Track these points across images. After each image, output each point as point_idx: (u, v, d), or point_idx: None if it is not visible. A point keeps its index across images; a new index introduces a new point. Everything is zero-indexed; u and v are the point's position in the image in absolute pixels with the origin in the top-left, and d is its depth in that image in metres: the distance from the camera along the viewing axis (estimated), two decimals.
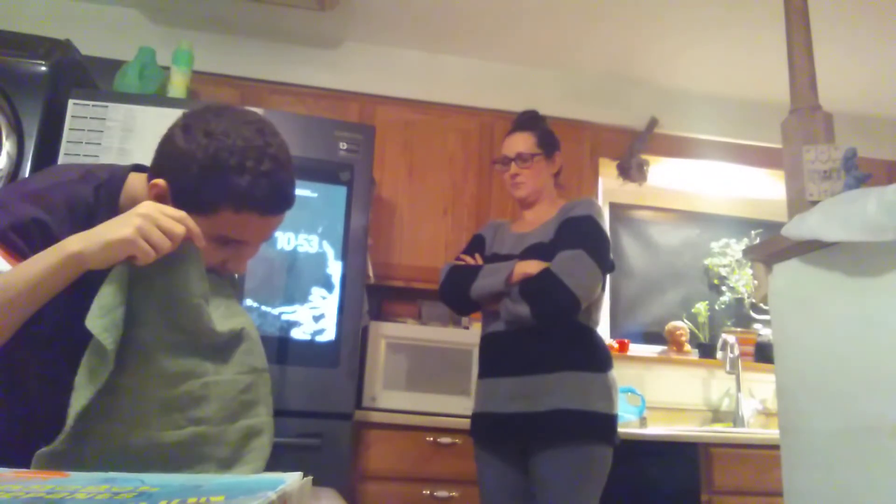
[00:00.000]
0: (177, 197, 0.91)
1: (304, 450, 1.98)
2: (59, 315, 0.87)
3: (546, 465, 1.65)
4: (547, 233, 1.80)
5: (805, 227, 1.31)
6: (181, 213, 0.85)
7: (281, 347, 2.08)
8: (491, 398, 1.76)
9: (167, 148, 0.93)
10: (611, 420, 1.71)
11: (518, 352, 1.73)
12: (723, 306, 3.53)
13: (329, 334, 2.12)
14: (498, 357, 1.78)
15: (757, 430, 3.05)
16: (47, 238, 0.87)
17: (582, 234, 1.72)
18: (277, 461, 0.94)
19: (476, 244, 1.96)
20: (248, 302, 2.10)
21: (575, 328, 1.73)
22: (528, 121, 1.96)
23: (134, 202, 0.92)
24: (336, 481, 1.95)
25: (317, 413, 2.04)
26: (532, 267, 1.70)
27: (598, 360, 1.75)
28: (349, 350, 2.12)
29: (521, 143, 1.89)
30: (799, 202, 1.49)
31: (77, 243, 0.81)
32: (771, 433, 2.66)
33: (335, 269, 2.17)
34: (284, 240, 2.17)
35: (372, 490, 2.27)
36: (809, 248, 1.39)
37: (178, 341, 0.85)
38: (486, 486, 1.79)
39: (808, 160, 1.49)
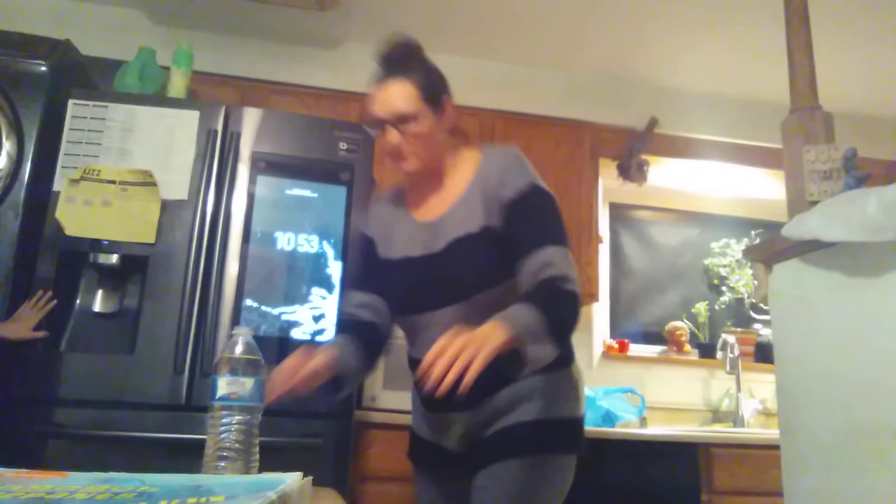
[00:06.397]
0: None
1: (304, 450, 1.98)
2: None
3: (492, 481, 1.27)
4: (470, 216, 1.31)
5: (805, 227, 1.31)
6: None
7: (281, 347, 2.08)
8: (440, 433, 1.38)
9: None
10: (577, 424, 1.35)
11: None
12: (723, 306, 3.53)
13: (329, 334, 2.12)
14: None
15: (757, 430, 3.05)
16: None
17: (545, 221, 1.28)
18: (277, 461, 0.94)
19: (368, 251, 1.46)
20: (248, 302, 2.10)
21: None
22: (401, 59, 1.34)
23: None
24: (336, 481, 1.95)
25: (317, 413, 2.03)
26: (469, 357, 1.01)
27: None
28: None
29: (398, 97, 1.30)
30: (799, 202, 1.49)
31: None
32: (771, 433, 2.66)
33: (335, 269, 2.17)
34: (284, 240, 2.17)
35: (372, 490, 2.26)
36: (809, 248, 1.39)
37: None
38: None
39: (808, 160, 1.49)
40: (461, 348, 1.01)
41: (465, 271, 1.29)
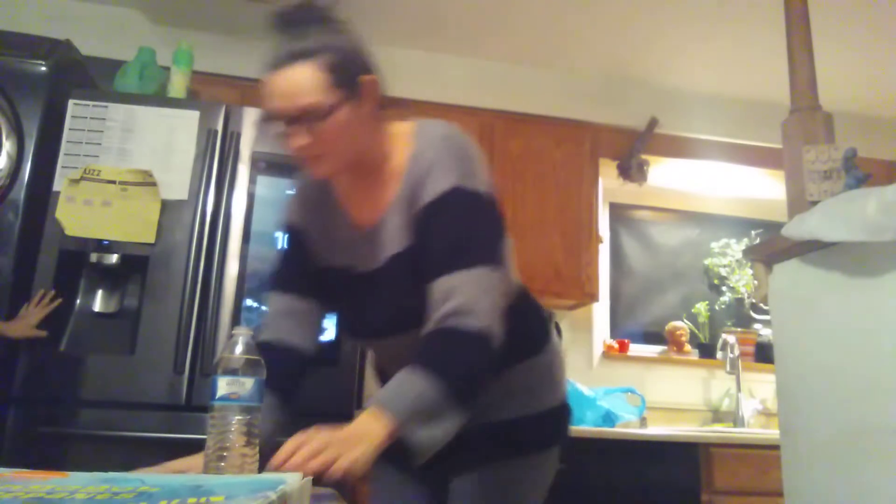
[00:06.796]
0: None
1: None
2: None
3: (469, 486, 1.16)
4: (400, 228, 1.08)
5: (805, 228, 1.31)
6: None
7: None
8: None
9: None
10: (557, 414, 1.21)
11: None
12: (723, 306, 3.53)
13: (329, 333, 2.12)
14: None
15: (757, 430, 3.05)
16: None
17: (462, 234, 1.03)
18: None
19: (298, 245, 1.24)
20: (249, 302, 2.10)
21: None
22: (302, 32, 1.03)
23: None
24: (336, 481, 1.95)
25: (317, 413, 2.02)
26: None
27: (528, 338, 1.18)
28: (349, 349, 2.12)
29: (302, 87, 1.00)
30: (799, 202, 1.49)
31: None
32: (771, 433, 2.66)
33: None
34: (285, 240, 2.17)
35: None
36: (809, 248, 1.39)
37: None
38: None
39: (808, 160, 1.49)
40: (320, 449, 0.87)
41: (402, 297, 1.07)
